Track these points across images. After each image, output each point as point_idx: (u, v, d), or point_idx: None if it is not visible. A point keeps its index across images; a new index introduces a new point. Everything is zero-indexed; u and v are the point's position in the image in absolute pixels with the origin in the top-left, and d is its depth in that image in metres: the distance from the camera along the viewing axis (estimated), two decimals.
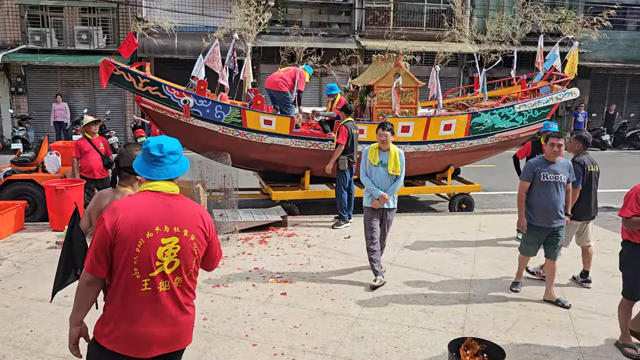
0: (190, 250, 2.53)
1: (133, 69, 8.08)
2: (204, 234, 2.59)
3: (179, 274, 2.52)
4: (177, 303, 2.54)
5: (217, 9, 18.36)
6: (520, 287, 5.69)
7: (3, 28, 18.38)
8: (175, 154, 2.62)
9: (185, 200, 2.62)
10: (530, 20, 19.37)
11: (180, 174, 2.64)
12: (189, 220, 2.54)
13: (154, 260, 2.44)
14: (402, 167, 5.79)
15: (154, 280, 2.45)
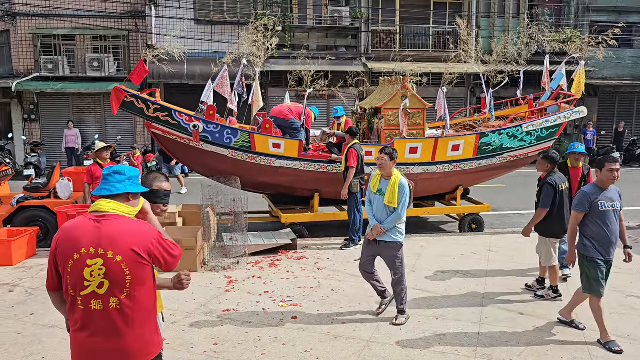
0: (118, 272, 2.56)
1: (143, 95, 8.22)
2: (137, 254, 2.60)
3: (112, 294, 2.58)
4: (115, 324, 2.59)
5: (226, 35, 18.68)
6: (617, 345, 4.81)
7: (17, 57, 18.80)
8: (120, 174, 2.77)
9: (119, 220, 2.67)
10: (535, 40, 19.49)
11: (121, 191, 2.73)
12: (116, 242, 2.58)
13: (83, 280, 2.56)
14: (401, 199, 5.20)
15: (86, 299, 2.58)
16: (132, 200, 2.82)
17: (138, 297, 2.65)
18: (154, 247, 2.68)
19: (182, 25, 17.74)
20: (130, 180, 2.79)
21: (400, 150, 8.78)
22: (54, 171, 9.03)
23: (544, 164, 6.09)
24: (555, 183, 5.92)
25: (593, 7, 21.35)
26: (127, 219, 2.72)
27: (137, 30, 18.84)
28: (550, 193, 5.88)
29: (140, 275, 2.64)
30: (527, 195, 13.32)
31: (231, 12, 19.03)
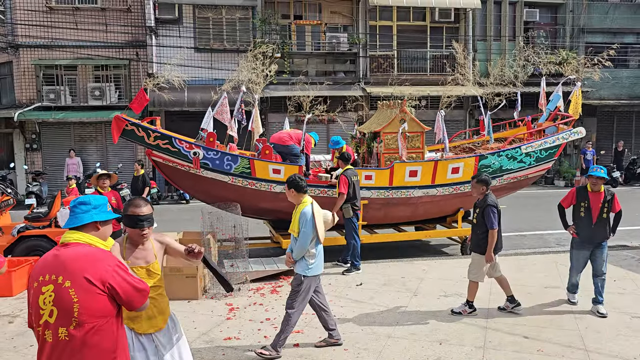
0: (66, 298, 2.48)
1: (144, 123, 8.29)
2: (89, 281, 2.50)
3: (61, 324, 2.48)
4: (67, 356, 2.48)
5: (225, 63, 18.89)
6: None
7: (19, 87, 19.00)
8: (86, 204, 2.77)
9: (78, 247, 2.64)
10: (531, 62, 19.70)
11: (87, 221, 2.73)
12: (70, 269, 2.53)
13: (38, 309, 2.54)
14: (302, 228, 5.03)
15: (42, 328, 2.53)
16: (101, 229, 2.80)
17: (91, 331, 2.50)
18: (109, 275, 2.56)
19: (182, 54, 17.99)
20: (96, 209, 2.77)
21: (400, 174, 8.82)
22: (55, 200, 9.04)
23: (479, 187, 6.23)
24: (496, 203, 6.16)
25: (588, 28, 21.63)
26: (87, 246, 2.67)
27: (137, 59, 19.07)
28: (495, 214, 6.09)
29: (93, 305, 2.50)
30: (528, 216, 13.31)
31: (230, 40, 19.30)
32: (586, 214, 6.20)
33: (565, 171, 20.69)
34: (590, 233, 6.20)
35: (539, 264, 8.42)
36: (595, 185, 6.16)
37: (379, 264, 8.52)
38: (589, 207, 6.17)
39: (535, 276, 7.75)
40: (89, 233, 2.74)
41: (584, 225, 6.25)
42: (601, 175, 6.09)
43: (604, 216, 6.13)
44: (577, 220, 6.34)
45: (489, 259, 6.13)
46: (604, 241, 6.23)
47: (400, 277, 7.76)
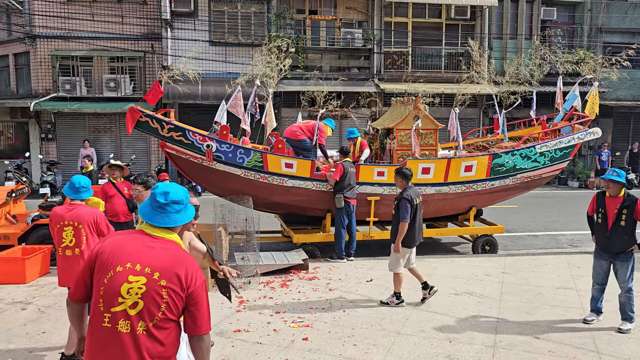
0: (156, 294, 2.40)
1: (158, 115, 8.32)
2: (180, 283, 2.44)
3: (142, 318, 2.40)
4: (138, 351, 2.39)
5: (240, 57, 18.92)
6: None
7: (36, 78, 19.19)
8: (179, 204, 2.62)
9: (173, 247, 2.55)
10: (548, 61, 19.49)
11: (181, 223, 2.63)
12: (166, 265, 2.44)
13: (117, 296, 2.39)
14: None
15: (115, 316, 2.40)
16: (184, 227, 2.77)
17: (169, 332, 2.47)
18: (199, 291, 2.49)
19: (197, 47, 18.04)
20: (186, 209, 2.67)
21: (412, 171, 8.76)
22: None
23: (399, 180, 6.52)
24: (411, 197, 6.33)
25: (606, 28, 21.35)
26: (179, 248, 2.59)
27: (153, 52, 19.16)
28: (407, 207, 6.26)
29: (177, 308, 2.46)
30: (540, 217, 13.20)
31: (245, 34, 19.31)
32: (602, 220, 5.81)
33: (580, 172, 20.47)
34: (605, 242, 5.80)
35: (551, 265, 8.35)
36: (610, 189, 5.76)
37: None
38: (605, 214, 5.79)
39: (547, 277, 7.69)
40: (176, 232, 2.64)
41: (600, 232, 5.87)
42: (614, 178, 5.67)
43: (621, 224, 5.65)
44: (596, 227, 5.96)
45: (395, 249, 6.37)
46: (623, 252, 5.70)
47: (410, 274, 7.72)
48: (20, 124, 19.68)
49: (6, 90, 20.71)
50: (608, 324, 5.84)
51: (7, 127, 20.08)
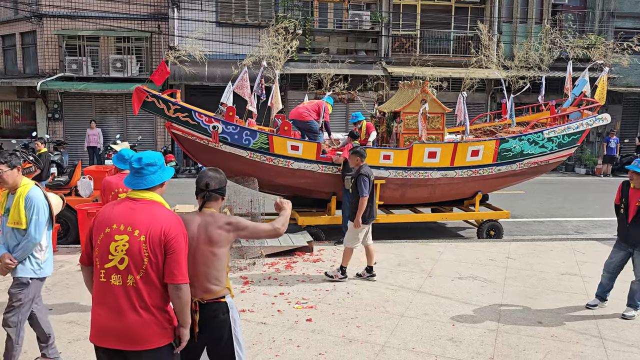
0: (137, 250, 2.72)
1: (164, 96, 8.30)
2: (159, 239, 2.74)
3: (130, 272, 2.72)
4: (130, 301, 2.72)
5: (247, 38, 18.80)
6: None
7: (43, 57, 19.16)
8: (153, 166, 2.92)
9: (153, 206, 2.85)
10: (558, 46, 19.25)
11: (159, 182, 2.93)
12: (145, 223, 2.76)
13: (107, 254, 2.75)
14: (30, 216, 4.04)
15: (108, 272, 2.74)
16: (164, 186, 3.00)
17: (153, 282, 2.75)
18: (176, 244, 2.77)
19: (203, 28, 17.93)
20: (162, 169, 2.96)
21: (418, 155, 8.75)
22: (76, 169, 9.15)
23: (354, 158, 6.72)
24: (368, 174, 6.54)
25: (618, 13, 21.02)
26: (160, 206, 2.88)
27: (159, 32, 19.07)
28: (367, 182, 6.46)
29: (155, 261, 2.74)
30: (546, 203, 13.16)
31: (252, 15, 19.16)
32: (624, 211, 5.68)
33: (587, 159, 20.34)
34: (625, 232, 5.70)
35: (556, 251, 8.34)
36: (633, 181, 5.59)
37: (394, 244, 8.51)
38: (627, 204, 5.65)
39: (551, 263, 7.69)
40: (156, 192, 2.93)
41: (621, 223, 5.77)
42: (638, 170, 5.49)
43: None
44: (618, 216, 5.84)
45: (356, 224, 6.52)
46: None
47: (414, 258, 7.75)
48: (27, 104, 19.72)
49: (13, 70, 20.70)
50: (612, 310, 5.84)
51: (14, 107, 20.12)
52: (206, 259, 3.12)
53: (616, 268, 5.83)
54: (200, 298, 3.11)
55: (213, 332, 3.15)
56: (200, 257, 3.11)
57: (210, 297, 3.13)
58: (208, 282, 3.13)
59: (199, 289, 3.11)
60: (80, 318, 5.33)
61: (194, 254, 3.10)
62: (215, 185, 3.21)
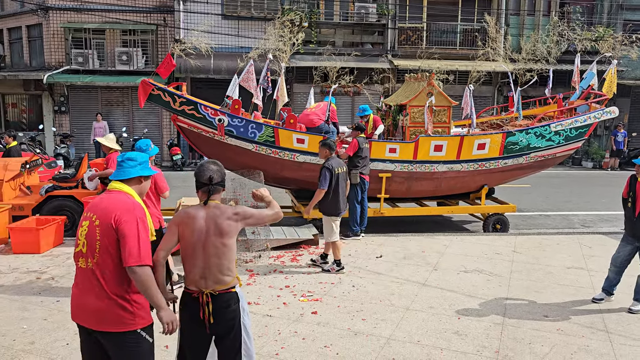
0: (93, 233, 2.91)
1: (170, 88, 8.30)
2: (110, 223, 2.89)
3: (91, 255, 2.90)
4: (91, 284, 2.90)
5: (252, 31, 18.75)
6: None
7: (49, 50, 19.18)
8: (132, 160, 3.13)
9: (118, 195, 3.03)
10: (566, 38, 19.09)
11: (134, 175, 3.10)
12: (103, 210, 2.94)
13: (77, 239, 3.00)
14: None
15: (77, 255, 2.98)
16: (143, 183, 3.16)
17: (108, 266, 2.88)
18: (126, 227, 2.87)
19: (209, 20, 17.89)
20: (141, 165, 3.13)
21: (424, 148, 8.73)
22: (82, 162, 9.18)
23: (324, 151, 6.79)
24: (332, 167, 6.61)
25: (627, 5, 20.80)
26: (124, 195, 3.02)
27: (165, 25, 19.04)
28: (326, 175, 6.56)
29: (110, 245, 2.88)
30: (552, 197, 13.10)
31: (258, 7, 19.09)
32: (632, 205, 5.64)
33: (594, 152, 20.21)
34: (631, 227, 5.68)
35: (563, 244, 8.30)
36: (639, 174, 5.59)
37: (400, 238, 8.51)
38: (634, 198, 5.61)
39: (557, 256, 7.66)
40: (131, 186, 3.10)
41: (628, 217, 5.73)
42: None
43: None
44: (625, 210, 5.79)
45: (306, 212, 6.94)
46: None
47: (420, 252, 7.75)
48: (33, 97, 19.77)
49: (19, 63, 20.75)
50: (618, 304, 5.82)
51: (21, 100, 20.19)
52: (218, 251, 3.15)
53: (623, 262, 5.80)
54: (212, 289, 3.14)
55: (226, 322, 3.19)
56: (211, 249, 3.14)
57: (222, 288, 3.17)
58: (220, 273, 3.16)
59: (210, 280, 3.15)
60: None
61: (204, 247, 3.13)
62: (218, 179, 3.26)
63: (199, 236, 3.12)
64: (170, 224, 3.24)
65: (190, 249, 3.15)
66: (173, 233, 3.19)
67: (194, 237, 3.14)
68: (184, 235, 3.16)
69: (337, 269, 6.73)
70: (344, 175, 6.81)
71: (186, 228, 3.16)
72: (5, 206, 8.04)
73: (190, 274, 3.17)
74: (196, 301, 3.15)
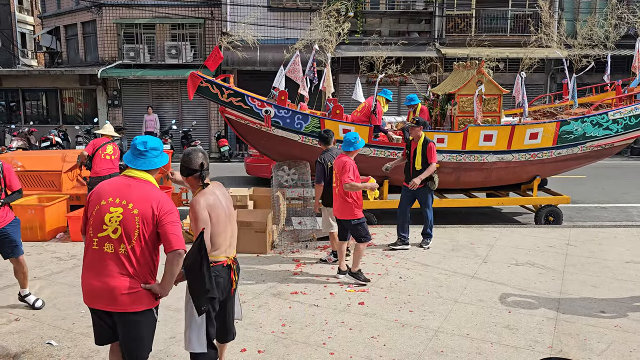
0: (131, 221, 3.01)
1: (218, 80, 8.42)
2: (152, 211, 3.04)
3: (122, 241, 3.01)
4: (118, 266, 3.02)
5: (298, 22, 18.79)
6: None
7: (102, 45, 19.86)
8: (156, 150, 3.24)
9: (147, 185, 3.15)
10: (625, 21, 18.16)
11: (159, 165, 3.24)
12: (139, 198, 3.05)
13: (102, 224, 3.04)
14: None
15: (101, 240, 3.04)
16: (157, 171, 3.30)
17: (143, 252, 3.05)
18: (168, 217, 3.05)
19: (255, 13, 18.01)
20: (162, 155, 3.27)
21: (474, 138, 8.52)
22: None
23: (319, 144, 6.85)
24: (324, 161, 6.53)
25: None
26: (150, 185, 3.17)
27: (212, 18, 19.33)
28: (320, 170, 6.51)
29: (149, 233, 3.04)
30: (610, 188, 12.56)
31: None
32: None
33: None
34: None
35: (621, 238, 7.95)
36: None
37: (447, 229, 8.36)
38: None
39: (615, 250, 7.34)
40: (153, 175, 3.23)
41: None
42: None
43: None
44: None
45: (315, 209, 6.89)
46: None
47: (469, 243, 7.59)
48: (88, 91, 20.54)
49: (75, 59, 21.59)
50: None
51: (77, 94, 21.00)
52: (235, 219, 3.66)
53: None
54: (234, 255, 3.61)
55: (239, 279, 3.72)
56: (234, 218, 3.62)
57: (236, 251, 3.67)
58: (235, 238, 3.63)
59: (232, 246, 3.59)
60: None
61: (230, 219, 3.54)
62: (207, 164, 3.48)
63: (225, 212, 3.49)
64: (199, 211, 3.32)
65: (222, 225, 3.45)
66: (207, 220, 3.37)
67: (223, 215, 3.47)
68: (217, 217, 3.42)
69: (334, 259, 6.71)
70: None
71: (216, 210, 3.42)
72: (63, 196, 8.40)
73: (221, 246, 3.47)
74: (227, 268, 3.51)
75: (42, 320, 4.99)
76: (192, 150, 3.48)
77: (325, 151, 6.67)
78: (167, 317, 4.96)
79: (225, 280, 3.50)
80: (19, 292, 5.32)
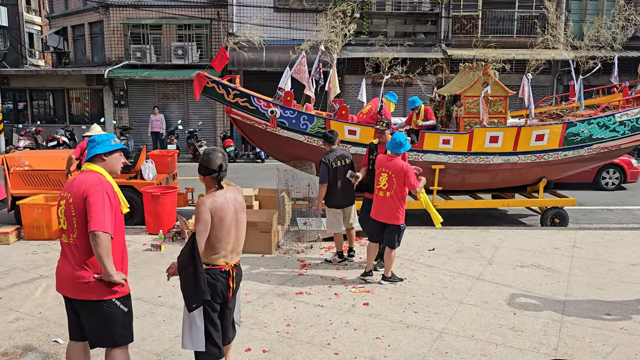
0: (68, 211, 3.18)
1: (224, 81, 8.45)
2: (81, 197, 3.14)
3: (71, 231, 3.19)
4: (72, 255, 3.21)
5: (304, 23, 18.81)
6: None
7: (109, 46, 19.95)
8: (92, 142, 3.36)
9: (87, 174, 3.27)
10: (632, 23, 18.09)
11: (92, 154, 3.31)
12: (76, 188, 3.19)
13: (58, 218, 3.28)
14: None
15: (60, 232, 3.28)
16: (106, 160, 3.34)
17: (87, 241, 3.14)
18: (88, 197, 3.11)
19: (261, 13, 18.07)
20: (99, 145, 3.34)
21: (479, 139, 8.51)
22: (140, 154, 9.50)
23: (323, 144, 6.76)
24: (329, 161, 6.47)
25: None
26: (93, 173, 3.26)
27: (218, 19, 19.39)
28: (324, 170, 6.42)
29: (81, 216, 3.14)
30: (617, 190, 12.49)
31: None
32: None
33: None
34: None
35: (627, 240, 7.92)
36: None
37: (452, 231, 8.35)
38: None
39: (621, 252, 7.31)
40: (97, 164, 3.33)
41: None
42: None
43: None
44: None
45: (318, 209, 6.85)
46: None
47: (474, 245, 7.58)
48: (95, 91, 20.63)
49: (82, 59, 21.70)
50: None
51: (84, 94, 21.11)
52: (244, 225, 3.58)
53: None
54: (236, 262, 3.56)
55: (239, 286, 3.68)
56: (242, 225, 3.53)
57: (239, 258, 3.62)
58: (242, 245, 3.59)
59: (236, 252, 3.54)
60: (146, 294, 5.56)
61: (237, 225, 3.48)
62: (225, 166, 3.45)
63: (232, 217, 3.42)
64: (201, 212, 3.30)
65: (225, 230, 3.39)
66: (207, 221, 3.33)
67: (228, 219, 3.40)
68: (222, 220, 3.37)
69: (339, 260, 6.71)
70: (344, 168, 6.51)
71: (221, 213, 3.36)
72: None
73: (221, 251, 3.43)
74: (225, 274, 3.46)
75: (49, 318, 5.03)
76: (212, 150, 3.44)
77: (330, 151, 6.61)
78: (173, 316, 4.98)
79: (223, 284, 3.45)
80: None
